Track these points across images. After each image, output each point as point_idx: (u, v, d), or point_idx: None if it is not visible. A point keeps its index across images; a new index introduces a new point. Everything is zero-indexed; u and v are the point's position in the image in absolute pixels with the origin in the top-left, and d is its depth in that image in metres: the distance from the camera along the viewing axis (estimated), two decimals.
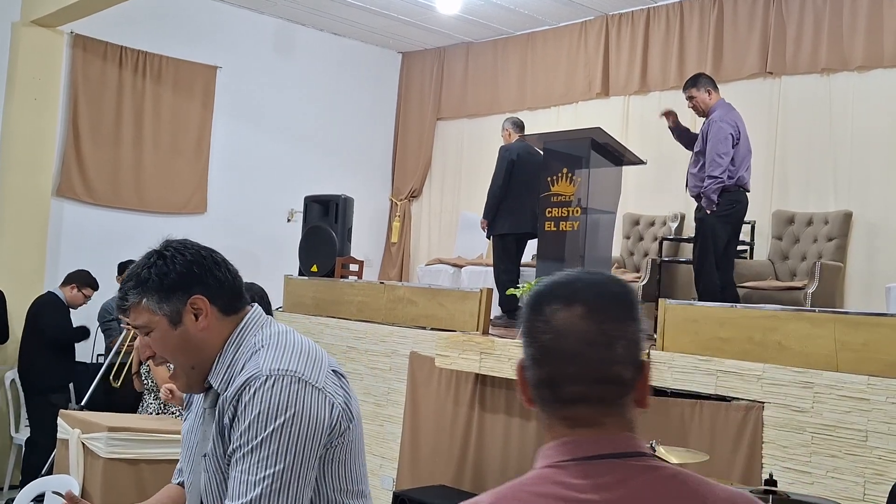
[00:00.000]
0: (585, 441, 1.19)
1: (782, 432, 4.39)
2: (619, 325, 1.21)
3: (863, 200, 6.70)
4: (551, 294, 1.23)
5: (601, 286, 1.24)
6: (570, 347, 1.19)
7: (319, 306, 7.16)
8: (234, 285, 1.86)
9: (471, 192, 8.96)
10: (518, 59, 9.28)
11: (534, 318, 1.23)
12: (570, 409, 1.20)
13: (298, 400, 1.69)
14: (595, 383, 1.19)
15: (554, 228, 5.55)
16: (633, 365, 1.21)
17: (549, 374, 1.20)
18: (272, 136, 9.20)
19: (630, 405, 1.23)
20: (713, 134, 5.66)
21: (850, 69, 6.87)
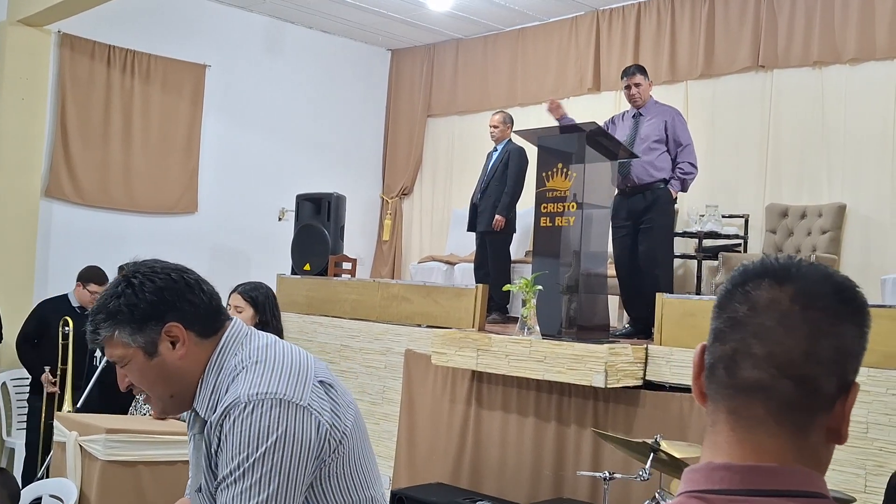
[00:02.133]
0: (745, 470, 0.97)
1: None
2: (834, 323, 1.00)
3: (856, 193, 6.71)
4: (762, 269, 1.03)
5: (824, 276, 1.04)
6: (764, 324, 0.98)
7: (313, 305, 7.13)
8: (210, 306, 1.76)
9: (462, 189, 8.92)
10: (508, 55, 9.26)
11: (733, 289, 1.03)
12: (743, 399, 0.99)
13: (281, 423, 1.61)
14: (783, 376, 0.98)
15: (549, 224, 5.52)
16: (837, 377, 0.99)
17: (731, 350, 1.00)
18: (262, 135, 9.15)
19: (819, 430, 1.00)
20: (682, 125, 5.94)
21: (843, 62, 6.87)
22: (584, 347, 4.91)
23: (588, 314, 5.49)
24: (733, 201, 7.23)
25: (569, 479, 5.16)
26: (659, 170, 5.80)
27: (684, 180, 5.90)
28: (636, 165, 5.77)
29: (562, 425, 5.29)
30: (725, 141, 7.44)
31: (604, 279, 5.75)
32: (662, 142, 5.83)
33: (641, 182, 5.80)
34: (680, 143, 5.86)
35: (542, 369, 5.05)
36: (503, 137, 7.21)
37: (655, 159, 5.80)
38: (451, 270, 8.21)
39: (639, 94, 5.94)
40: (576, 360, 4.90)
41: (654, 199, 5.81)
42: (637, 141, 5.86)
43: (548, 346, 5.04)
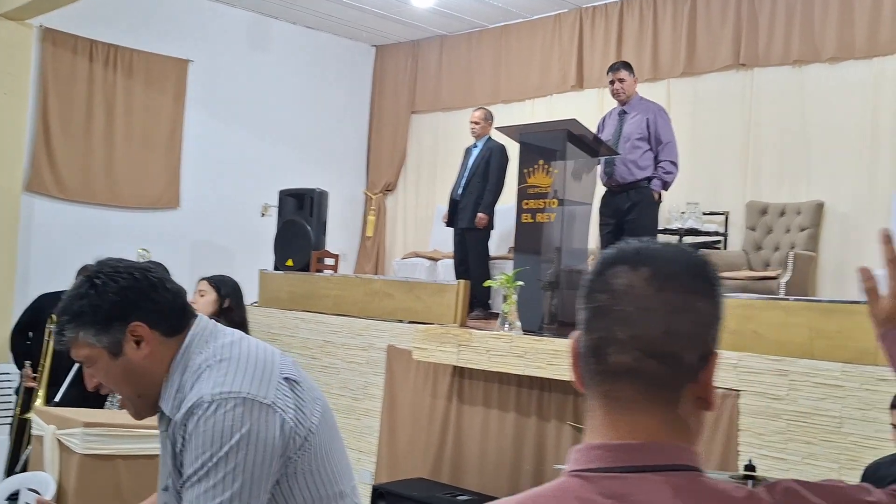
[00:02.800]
0: (619, 449, 1.02)
1: (758, 420, 4.42)
2: (689, 298, 1.04)
3: (834, 190, 6.77)
4: (618, 256, 1.07)
5: (677, 253, 1.08)
6: (624, 310, 1.03)
7: (295, 300, 7.13)
8: (175, 305, 1.76)
9: (446, 186, 8.93)
10: (492, 51, 9.28)
11: (594, 279, 1.07)
12: (613, 382, 1.03)
13: (245, 422, 1.61)
14: (647, 356, 1.01)
15: (531, 220, 5.54)
16: (697, 349, 1.03)
17: (597, 338, 1.04)
18: (246, 130, 9.14)
19: (687, 401, 1.04)
20: (665, 122, 5.98)
21: (822, 61, 6.93)
22: (564, 343, 4.90)
23: (569, 310, 5.51)
24: (714, 199, 7.28)
25: (549, 473, 5.19)
26: (642, 168, 5.83)
27: (665, 180, 5.93)
28: (619, 164, 5.81)
29: (542, 420, 5.32)
30: (706, 139, 7.48)
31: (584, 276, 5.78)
32: (645, 139, 5.87)
33: (625, 181, 5.82)
34: (661, 140, 5.90)
35: (522, 364, 5.07)
36: (483, 134, 7.23)
37: (639, 158, 5.83)
38: (435, 266, 8.23)
39: (622, 89, 5.97)
40: (556, 356, 4.93)
41: (638, 199, 5.83)
42: (621, 139, 5.88)
43: (528, 342, 5.07)
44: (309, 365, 6.76)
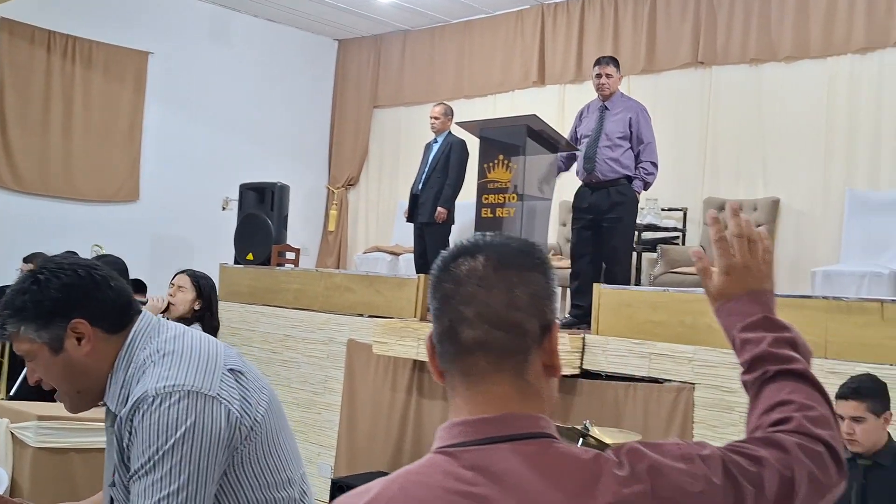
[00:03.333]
0: (477, 423, 1.12)
1: (712, 412, 4.50)
2: (523, 274, 1.16)
3: (790, 187, 6.88)
4: (457, 252, 1.19)
5: (507, 241, 1.20)
6: (468, 290, 1.14)
7: (255, 294, 7.11)
8: (119, 303, 1.76)
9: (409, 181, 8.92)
10: (455, 47, 9.30)
11: (439, 274, 1.18)
12: (469, 357, 1.14)
13: (190, 415, 1.62)
14: (494, 328, 1.13)
15: (490, 215, 5.58)
16: (537, 318, 1.15)
17: (449, 322, 1.15)
18: (206, 123, 9.08)
19: (534, 365, 1.15)
20: (647, 122, 5.91)
21: (779, 59, 7.04)
22: None
23: None
24: (672, 195, 7.36)
25: None
26: (624, 167, 5.78)
27: (647, 181, 5.88)
28: (600, 161, 5.76)
29: None
30: (666, 136, 7.51)
31: None
32: (627, 138, 5.81)
33: (606, 178, 5.78)
34: (642, 140, 5.85)
35: None
36: (443, 129, 7.25)
37: (620, 156, 5.78)
38: (396, 261, 8.24)
39: (608, 84, 5.91)
40: None
41: (620, 199, 5.77)
42: (602, 136, 5.84)
43: None
44: (269, 359, 6.75)
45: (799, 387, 1.28)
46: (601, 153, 5.76)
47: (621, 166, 5.76)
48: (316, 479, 6.08)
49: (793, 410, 1.24)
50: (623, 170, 5.76)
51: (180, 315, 4.14)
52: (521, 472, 1.08)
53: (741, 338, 1.33)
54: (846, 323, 4.15)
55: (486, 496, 1.07)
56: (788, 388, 1.28)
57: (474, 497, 1.07)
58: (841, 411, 3.39)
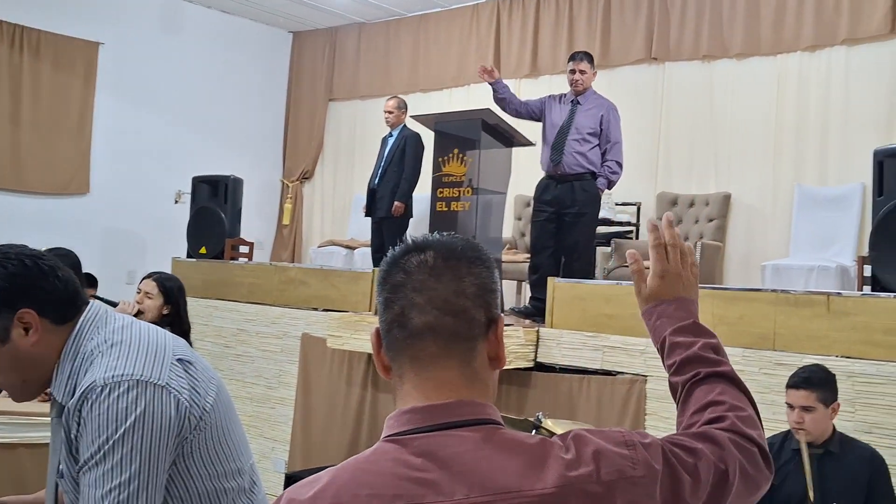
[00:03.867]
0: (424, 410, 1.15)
1: (664, 404, 4.55)
2: (470, 267, 1.20)
3: (741, 183, 6.98)
4: (406, 248, 1.23)
5: (453, 238, 1.25)
6: (418, 279, 1.18)
7: (209, 289, 7.04)
8: (66, 292, 1.74)
9: (364, 174, 8.90)
10: (411, 40, 9.29)
11: (389, 268, 1.22)
12: (419, 343, 1.17)
13: (139, 404, 1.61)
14: (444, 314, 1.17)
15: (446, 209, 5.59)
16: (483, 310, 1.19)
17: (399, 309, 1.18)
18: (159, 116, 8.96)
19: (480, 354, 1.19)
20: (616, 122, 5.91)
21: (730, 56, 7.13)
22: None
23: None
24: (626, 190, 7.40)
25: None
26: (590, 163, 5.78)
27: (611, 180, 5.87)
28: (568, 154, 5.76)
29: None
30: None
31: (499, 264, 5.85)
32: (596, 135, 5.81)
33: (573, 171, 5.78)
34: (610, 138, 5.85)
35: None
36: (398, 123, 7.24)
37: (588, 151, 5.79)
38: (352, 255, 8.21)
39: (582, 80, 5.91)
40: None
41: (584, 197, 5.77)
42: (572, 129, 5.84)
43: None
44: (222, 353, 6.69)
45: (728, 389, 1.34)
46: (570, 146, 5.76)
47: (588, 162, 5.77)
48: (270, 473, 6.05)
49: (724, 410, 1.30)
50: (589, 165, 5.77)
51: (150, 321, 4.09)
52: (469, 457, 1.11)
53: (672, 341, 1.40)
54: (793, 315, 4.23)
55: (436, 481, 1.10)
56: (718, 389, 1.34)
57: (424, 482, 1.10)
58: (791, 400, 3.46)
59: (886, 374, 3.91)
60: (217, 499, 1.74)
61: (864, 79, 6.48)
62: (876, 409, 3.92)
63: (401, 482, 1.10)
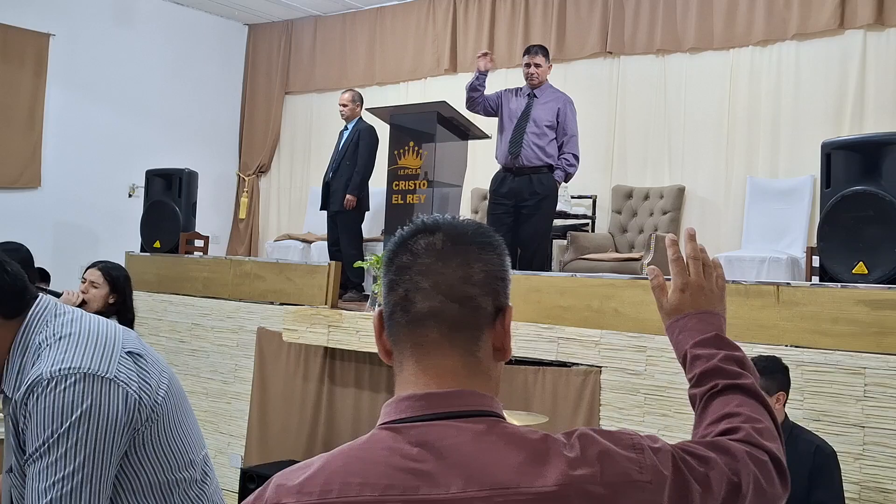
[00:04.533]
0: (423, 398, 1.11)
1: (618, 394, 4.60)
2: (479, 253, 1.16)
3: (695, 176, 7.06)
4: (416, 228, 1.19)
5: (463, 222, 1.21)
6: (425, 262, 1.14)
7: (163, 283, 6.97)
8: (15, 287, 1.74)
9: (321, 168, 8.87)
10: (367, 33, 9.26)
11: (396, 248, 1.18)
12: (422, 328, 1.13)
13: (86, 398, 1.61)
14: (449, 300, 1.12)
15: (401, 201, 5.59)
16: (491, 298, 1.15)
17: (404, 292, 1.14)
18: (112, 108, 8.84)
19: (485, 344, 1.15)
20: (572, 115, 5.97)
21: (683, 50, 7.21)
22: None
23: None
24: (582, 183, 7.45)
25: None
26: (548, 156, 5.82)
27: (568, 172, 5.93)
28: (526, 147, 5.78)
29: None
30: None
31: None
32: (553, 128, 5.85)
33: (530, 164, 5.80)
34: (566, 131, 5.90)
35: None
36: (353, 116, 7.21)
37: (546, 145, 5.82)
38: (308, 248, 8.17)
39: (537, 73, 5.94)
40: None
41: (542, 190, 5.80)
42: (529, 122, 5.86)
43: None
44: (177, 348, 6.63)
45: (746, 400, 1.30)
46: (528, 139, 5.79)
47: (545, 154, 5.81)
48: (226, 468, 6.01)
49: (740, 422, 1.26)
50: (547, 158, 5.81)
51: (96, 311, 4.06)
52: (468, 450, 1.08)
53: (693, 353, 1.36)
54: (744, 306, 4.29)
55: (431, 472, 1.06)
56: (736, 401, 1.30)
57: (419, 473, 1.06)
58: None
59: (834, 362, 3.99)
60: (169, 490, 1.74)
61: (814, 73, 6.59)
62: (824, 397, 3.99)
63: (394, 472, 1.07)
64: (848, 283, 4.11)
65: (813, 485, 3.40)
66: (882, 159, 4.17)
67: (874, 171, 4.19)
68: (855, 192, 4.19)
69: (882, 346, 3.92)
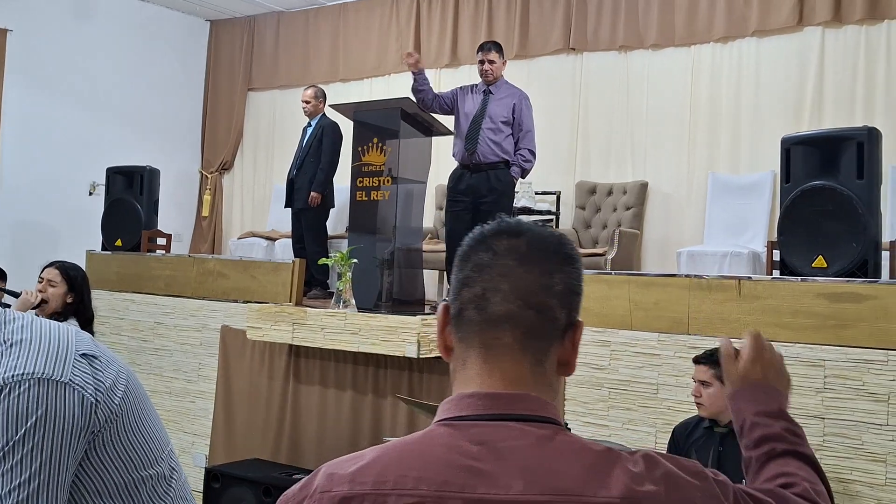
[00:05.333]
0: (486, 397, 1.09)
1: (582, 389, 4.63)
2: (561, 264, 1.15)
3: (657, 171, 7.12)
4: (498, 228, 1.17)
5: (547, 230, 1.19)
6: (507, 264, 1.12)
7: (125, 282, 6.89)
8: None
9: (284, 165, 8.82)
10: (330, 30, 9.22)
11: (475, 244, 1.17)
12: (494, 330, 1.11)
13: (41, 403, 1.57)
14: (526, 307, 1.11)
15: (365, 198, 5.57)
16: (567, 311, 1.14)
17: (481, 290, 1.12)
18: (71, 105, 8.72)
19: (553, 357, 1.14)
20: (528, 110, 5.98)
21: (646, 47, 7.26)
22: (397, 319, 4.99)
23: (405, 288, 5.58)
24: (546, 179, 7.51)
25: None
26: (504, 152, 5.82)
27: (525, 168, 5.92)
28: (483, 143, 5.78)
29: (378, 397, 5.36)
30: (538, 121, 7.57)
31: (420, 254, 5.86)
32: (509, 124, 5.86)
33: (487, 160, 5.81)
34: (522, 127, 5.91)
35: (356, 341, 5.09)
36: (316, 112, 7.18)
37: (502, 141, 5.82)
38: (272, 246, 8.13)
39: (491, 70, 5.94)
40: (389, 332, 4.98)
41: (499, 186, 5.80)
42: (485, 118, 5.86)
43: (362, 319, 5.09)
44: (140, 348, 6.57)
45: (803, 466, 1.30)
46: (484, 135, 5.79)
47: (502, 150, 5.81)
48: (190, 468, 5.95)
49: (798, 479, 1.26)
50: (504, 154, 5.82)
51: (53, 310, 4.01)
52: (529, 453, 1.06)
53: (753, 420, 1.36)
54: (706, 300, 4.34)
55: (491, 472, 1.04)
56: (794, 465, 1.30)
57: (478, 472, 1.04)
58: (693, 375, 3.62)
59: (794, 354, 4.04)
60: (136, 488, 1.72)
61: (773, 69, 6.67)
62: None
63: (452, 469, 1.04)
64: (808, 276, 4.17)
65: None
66: (840, 154, 4.23)
67: (833, 165, 4.25)
68: (814, 187, 4.24)
69: (841, 339, 3.98)
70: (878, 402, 3.85)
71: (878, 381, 3.86)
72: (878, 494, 3.81)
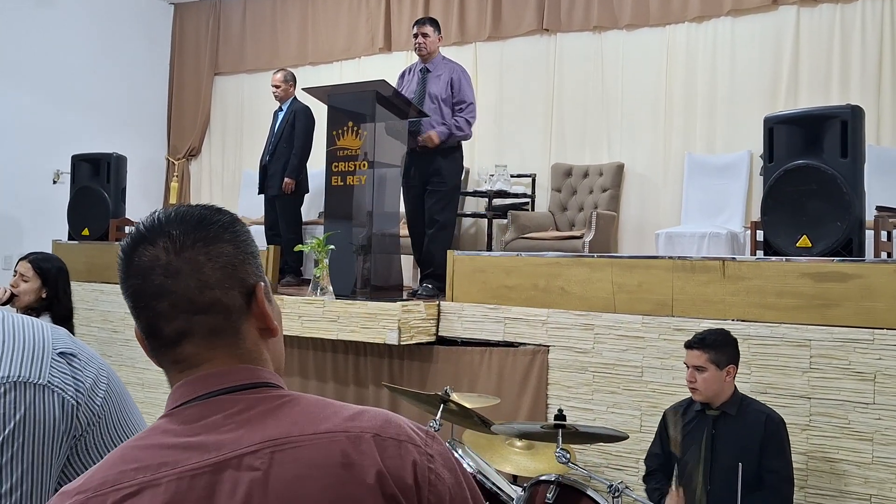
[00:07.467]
0: (196, 381, 1.10)
1: (566, 373, 4.58)
2: (208, 248, 1.11)
3: (633, 152, 7.07)
4: (138, 237, 1.13)
5: (186, 214, 1.13)
6: (156, 284, 1.09)
7: (93, 272, 6.74)
8: None
9: (253, 150, 8.67)
10: (298, 12, 9.06)
11: (124, 266, 1.13)
12: (177, 349, 1.11)
13: (19, 408, 1.48)
14: (193, 314, 1.09)
15: (341, 183, 5.46)
16: (237, 289, 1.12)
17: (146, 320, 1.11)
18: (33, 92, 8.49)
19: (248, 334, 1.13)
20: (467, 83, 5.93)
21: (620, 27, 7.19)
22: (377, 306, 4.91)
23: (382, 274, 5.49)
24: (521, 161, 7.44)
25: None
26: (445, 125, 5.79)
27: (454, 133, 5.80)
28: (426, 125, 5.73)
29: (360, 386, 5.29)
30: (513, 102, 7.63)
31: (397, 239, 5.77)
32: (449, 101, 5.82)
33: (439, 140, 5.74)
34: (464, 100, 5.85)
35: (336, 329, 5.01)
36: (287, 97, 7.05)
37: (440, 117, 5.79)
38: None
39: (425, 44, 5.88)
40: (369, 319, 4.90)
41: (443, 161, 5.78)
42: (426, 98, 5.81)
43: (341, 306, 5.01)
44: (110, 339, 6.42)
45: None
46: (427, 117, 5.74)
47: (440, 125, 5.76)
48: None
49: None
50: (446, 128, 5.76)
51: (26, 305, 3.86)
52: (241, 417, 1.07)
53: None
54: (690, 281, 4.30)
55: (202, 443, 1.05)
56: None
57: (189, 446, 1.06)
58: (686, 360, 3.58)
59: (780, 335, 4.02)
60: None
61: (748, 49, 6.64)
62: (770, 369, 4.02)
63: (166, 450, 1.06)
64: (792, 256, 4.14)
65: (764, 453, 3.44)
66: (823, 133, 4.20)
67: (816, 144, 4.22)
68: (798, 166, 4.21)
69: (826, 318, 3.96)
70: (865, 381, 3.84)
71: (864, 360, 3.85)
72: (865, 473, 3.80)
